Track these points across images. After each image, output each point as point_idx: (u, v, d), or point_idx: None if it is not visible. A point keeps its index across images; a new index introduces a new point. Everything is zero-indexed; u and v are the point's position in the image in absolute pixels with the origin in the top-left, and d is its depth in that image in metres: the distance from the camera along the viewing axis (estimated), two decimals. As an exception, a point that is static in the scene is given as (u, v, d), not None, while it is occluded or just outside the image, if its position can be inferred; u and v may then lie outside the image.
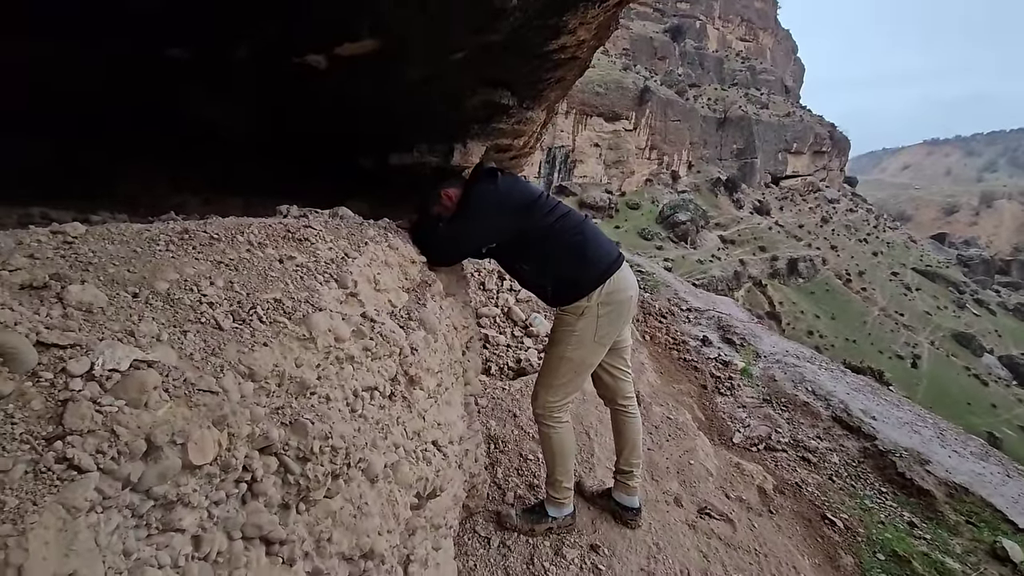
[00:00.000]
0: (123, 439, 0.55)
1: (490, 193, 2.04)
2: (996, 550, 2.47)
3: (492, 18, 5.28)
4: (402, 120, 8.21)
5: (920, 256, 54.20)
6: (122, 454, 0.55)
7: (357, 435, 0.97)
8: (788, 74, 71.47)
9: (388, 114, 7.63)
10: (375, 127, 8.12)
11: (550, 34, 6.69)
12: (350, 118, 7.79)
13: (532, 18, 5.77)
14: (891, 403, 4.02)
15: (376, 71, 6.24)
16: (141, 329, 0.73)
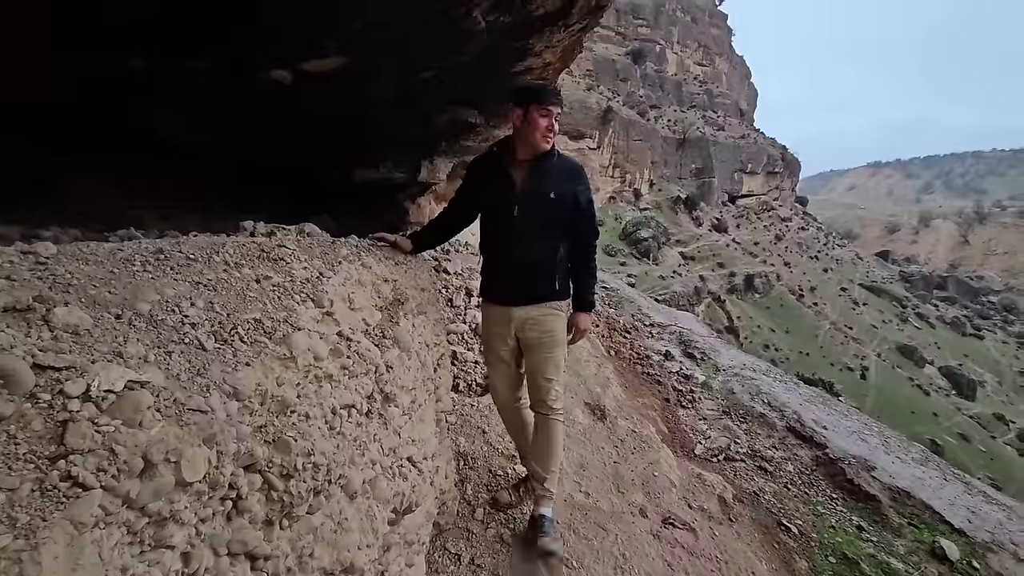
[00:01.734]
0: (122, 457, 0.57)
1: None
2: (935, 550, 2.65)
3: (461, 40, 5.39)
4: (369, 136, 8.18)
5: (866, 272, 57.02)
6: (121, 472, 0.57)
7: (337, 452, 1.00)
8: (743, 98, 74.75)
9: (355, 130, 7.61)
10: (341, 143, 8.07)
11: (517, 56, 6.82)
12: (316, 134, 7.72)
13: (500, 41, 5.90)
14: (840, 413, 4.24)
15: (343, 88, 6.25)
16: (128, 350, 0.75)
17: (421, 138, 8.52)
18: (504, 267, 2.11)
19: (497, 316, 2.17)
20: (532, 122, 1.99)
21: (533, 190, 2.04)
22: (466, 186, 2.20)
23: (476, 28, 5.05)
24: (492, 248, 2.16)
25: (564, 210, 2.07)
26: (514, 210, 2.03)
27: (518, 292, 2.11)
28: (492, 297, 2.19)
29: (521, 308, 2.11)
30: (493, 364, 2.28)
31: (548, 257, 2.09)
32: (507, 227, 2.07)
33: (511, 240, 2.08)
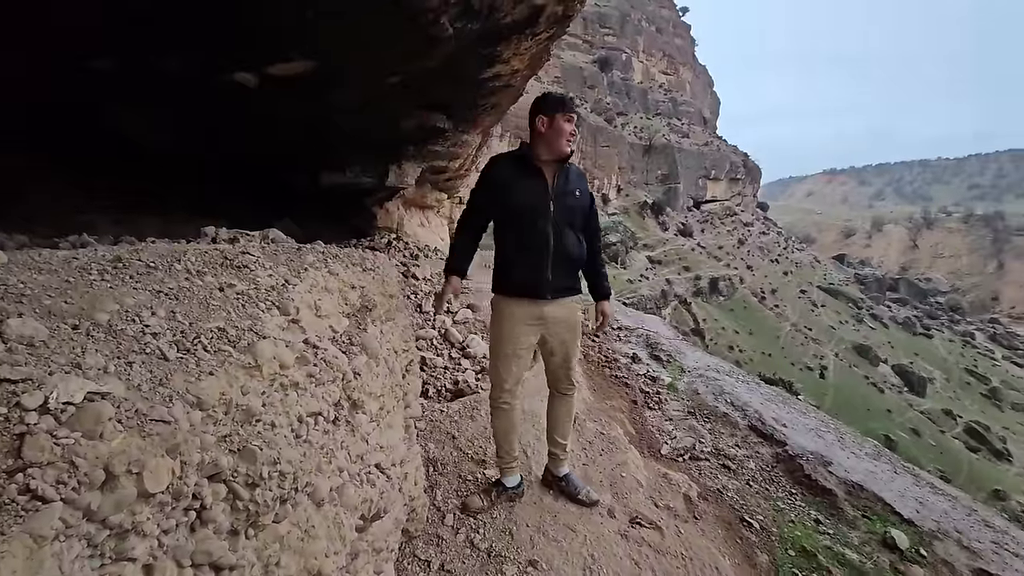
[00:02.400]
0: (82, 469, 0.57)
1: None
2: (886, 539, 2.78)
3: (428, 45, 5.40)
4: (336, 140, 8.08)
5: (824, 275, 59.24)
6: (82, 484, 0.56)
7: (303, 460, 1.00)
8: (706, 106, 76.85)
9: (321, 134, 7.50)
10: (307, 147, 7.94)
11: (485, 63, 6.86)
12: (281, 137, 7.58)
13: (467, 47, 5.93)
14: (799, 411, 4.40)
15: (309, 92, 6.17)
16: (87, 361, 0.74)
17: (389, 142, 8.46)
18: (541, 262, 2.22)
19: (525, 311, 2.28)
20: (558, 128, 2.21)
21: (563, 189, 2.25)
22: (493, 187, 2.26)
23: (444, 35, 5.08)
24: (525, 245, 2.23)
25: (584, 208, 2.34)
26: (550, 208, 2.21)
27: (558, 285, 2.27)
28: (523, 292, 2.27)
29: (556, 301, 2.28)
30: (510, 359, 2.34)
31: (580, 252, 2.32)
32: (544, 224, 2.21)
33: (549, 236, 2.21)
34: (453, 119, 8.27)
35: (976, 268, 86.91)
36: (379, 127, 7.60)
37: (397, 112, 7.25)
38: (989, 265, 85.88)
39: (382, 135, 7.91)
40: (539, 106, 2.26)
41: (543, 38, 6.75)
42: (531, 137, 2.30)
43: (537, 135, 2.26)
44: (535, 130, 2.27)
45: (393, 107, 7.02)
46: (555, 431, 2.57)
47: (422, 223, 11.91)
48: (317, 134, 7.40)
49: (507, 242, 2.27)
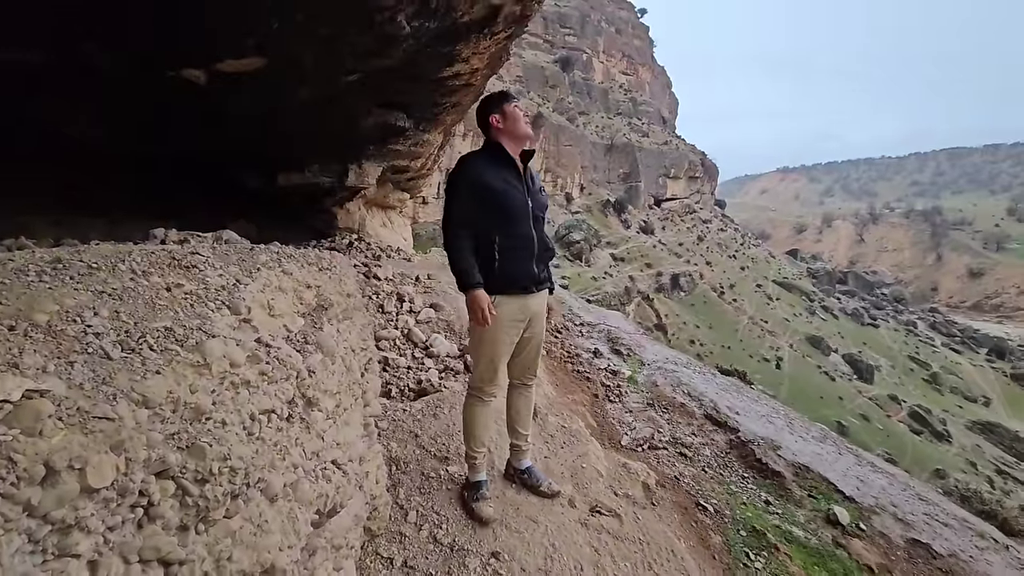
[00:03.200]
0: (21, 465, 0.57)
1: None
2: (829, 516, 2.95)
3: (386, 44, 5.36)
4: (292, 139, 7.91)
5: (778, 269, 61.47)
6: (21, 479, 0.57)
7: (256, 456, 1.00)
8: (664, 106, 78.55)
9: (276, 133, 7.34)
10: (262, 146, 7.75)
11: (444, 62, 6.85)
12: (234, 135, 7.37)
13: (426, 46, 5.91)
14: (751, 399, 4.59)
15: (263, 89, 6.03)
16: (25, 361, 0.73)
17: (348, 141, 8.34)
18: (528, 256, 2.28)
19: (516, 307, 2.31)
20: (513, 115, 2.27)
21: (532, 185, 2.33)
22: (476, 189, 2.23)
23: (401, 33, 5.05)
24: (514, 241, 2.25)
25: (546, 203, 2.45)
26: (528, 201, 2.28)
27: (541, 278, 2.35)
28: (512, 288, 2.29)
29: (537, 294, 2.36)
30: (500, 360, 2.37)
31: (552, 244, 2.43)
32: (527, 219, 2.28)
33: (529, 229, 2.27)
34: (413, 118, 8.21)
35: (917, 261, 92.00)
36: (337, 126, 7.48)
37: (356, 111, 7.16)
38: (929, 258, 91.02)
39: (341, 134, 7.79)
40: (487, 108, 2.31)
41: (502, 37, 6.79)
42: (491, 139, 2.33)
43: (497, 133, 2.30)
44: (494, 130, 2.30)
45: (351, 106, 6.93)
46: (517, 423, 2.62)
47: (384, 223, 11.77)
48: (273, 133, 7.23)
49: (494, 240, 2.24)
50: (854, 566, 2.64)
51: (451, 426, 3.14)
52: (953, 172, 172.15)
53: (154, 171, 7.58)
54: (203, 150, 7.40)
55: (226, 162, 7.98)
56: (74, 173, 6.68)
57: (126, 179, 7.24)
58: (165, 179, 7.73)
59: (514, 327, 2.32)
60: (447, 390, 3.74)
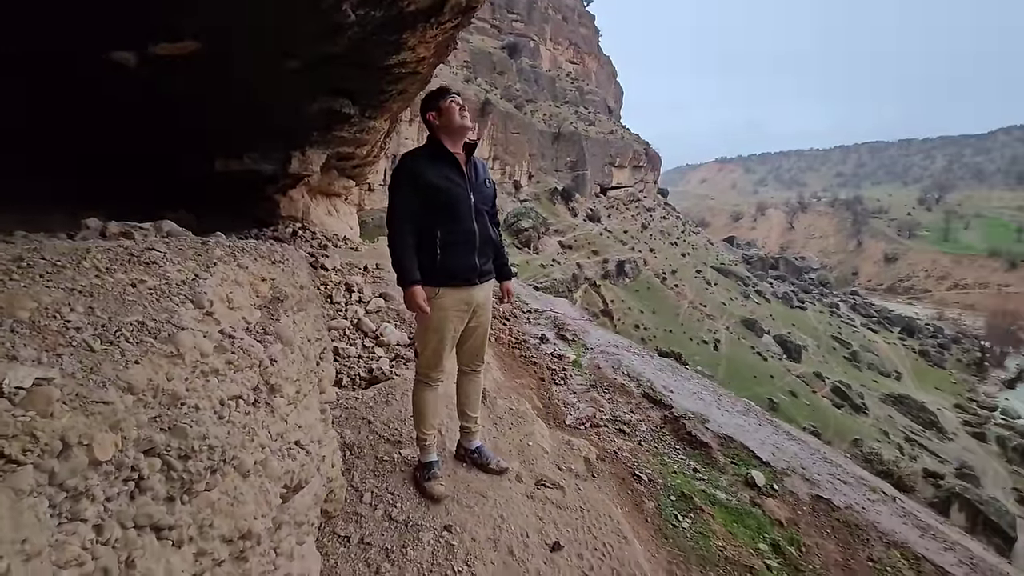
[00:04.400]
0: (42, 440, 0.67)
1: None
2: (748, 479, 3.30)
3: (331, 32, 5.31)
4: (231, 125, 7.66)
5: (716, 256, 64.40)
6: (44, 452, 0.67)
7: (228, 437, 1.11)
8: (610, 96, 79.91)
9: (214, 118, 7.09)
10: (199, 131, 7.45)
11: (391, 49, 6.82)
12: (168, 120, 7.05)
13: (371, 34, 5.88)
14: (684, 378, 4.96)
15: (199, 74, 5.83)
16: (21, 354, 0.82)
17: (291, 128, 8.13)
18: (470, 249, 2.39)
19: (457, 298, 2.42)
20: (447, 111, 2.34)
21: (475, 177, 2.43)
22: (416, 185, 2.33)
23: (346, 21, 5.01)
24: (455, 235, 2.36)
25: (492, 196, 2.55)
26: (470, 195, 2.37)
27: (484, 270, 2.47)
28: (454, 281, 2.40)
29: (481, 286, 2.47)
30: (443, 348, 2.50)
31: (496, 236, 2.56)
32: (469, 213, 2.37)
33: (473, 223, 2.38)
34: (359, 105, 8.08)
35: (840, 247, 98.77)
36: (279, 112, 7.28)
37: (299, 97, 7.00)
38: (850, 244, 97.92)
39: (283, 120, 7.58)
40: (425, 105, 2.41)
41: (449, 27, 6.81)
42: (432, 135, 2.44)
43: (436, 129, 2.40)
44: (432, 126, 2.41)
45: (294, 92, 6.77)
46: (466, 406, 2.78)
47: (329, 211, 11.51)
48: (210, 118, 6.96)
49: (436, 235, 2.34)
50: (767, 521, 2.99)
51: (403, 412, 3.26)
52: (873, 164, 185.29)
53: (87, 161, 7.14)
54: (134, 136, 7.03)
55: (159, 147, 7.61)
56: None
57: (47, 164, 6.79)
58: (91, 166, 7.29)
59: (458, 317, 2.46)
60: (398, 377, 3.85)
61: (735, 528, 2.92)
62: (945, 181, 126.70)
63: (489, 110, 42.51)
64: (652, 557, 2.65)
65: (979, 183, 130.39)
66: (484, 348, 2.72)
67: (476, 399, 2.79)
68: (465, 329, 2.56)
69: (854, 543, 2.96)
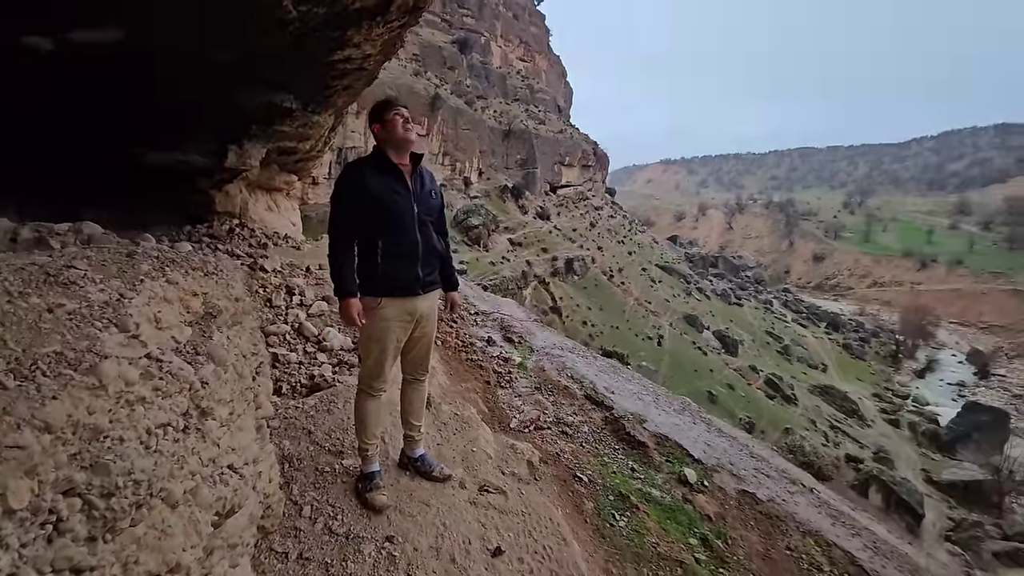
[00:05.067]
0: (-49, 496, 0.65)
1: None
2: (681, 477, 3.48)
3: (272, 25, 5.13)
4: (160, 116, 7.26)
5: (661, 254, 66.58)
6: (-48, 508, 0.65)
7: (156, 468, 1.09)
8: (560, 95, 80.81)
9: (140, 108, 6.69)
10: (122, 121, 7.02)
11: (334, 45, 6.66)
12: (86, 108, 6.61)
13: (314, 30, 5.73)
14: (626, 379, 5.15)
15: (123, 63, 5.49)
16: (-76, 400, 0.78)
17: (227, 121, 7.77)
18: (412, 260, 2.40)
19: (399, 308, 2.42)
20: (390, 124, 2.35)
21: (420, 188, 2.44)
22: (359, 196, 2.33)
23: (287, 16, 4.85)
24: (397, 246, 2.36)
25: (439, 207, 2.59)
26: (414, 207, 2.38)
27: (427, 280, 2.48)
28: (395, 291, 2.41)
29: (425, 296, 2.50)
30: (386, 358, 2.49)
31: (441, 247, 2.58)
32: (412, 224, 2.38)
33: (416, 234, 2.39)
34: (302, 99, 7.82)
35: (774, 246, 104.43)
36: (214, 104, 6.94)
37: (235, 90, 6.70)
38: (783, 244, 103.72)
39: (218, 113, 7.23)
40: (370, 118, 2.42)
41: (395, 26, 6.70)
42: (378, 147, 2.44)
43: (380, 142, 2.42)
44: (377, 139, 2.43)
45: (230, 84, 6.48)
46: (410, 415, 2.79)
47: (270, 207, 11.05)
48: (136, 107, 6.55)
49: (378, 245, 2.35)
50: (697, 516, 3.18)
51: (345, 420, 3.22)
52: (803, 168, 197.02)
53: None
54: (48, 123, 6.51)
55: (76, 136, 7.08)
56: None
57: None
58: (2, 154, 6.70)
59: (401, 328, 2.47)
60: (341, 384, 3.79)
61: (668, 524, 3.09)
62: (867, 186, 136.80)
63: (439, 105, 42.06)
64: (590, 557, 2.76)
65: (896, 188, 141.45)
66: (429, 357, 2.75)
67: (420, 407, 2.81)
68: (409, 339, 2.58)
69: (774, 534, 3.20)
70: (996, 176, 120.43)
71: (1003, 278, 72.05)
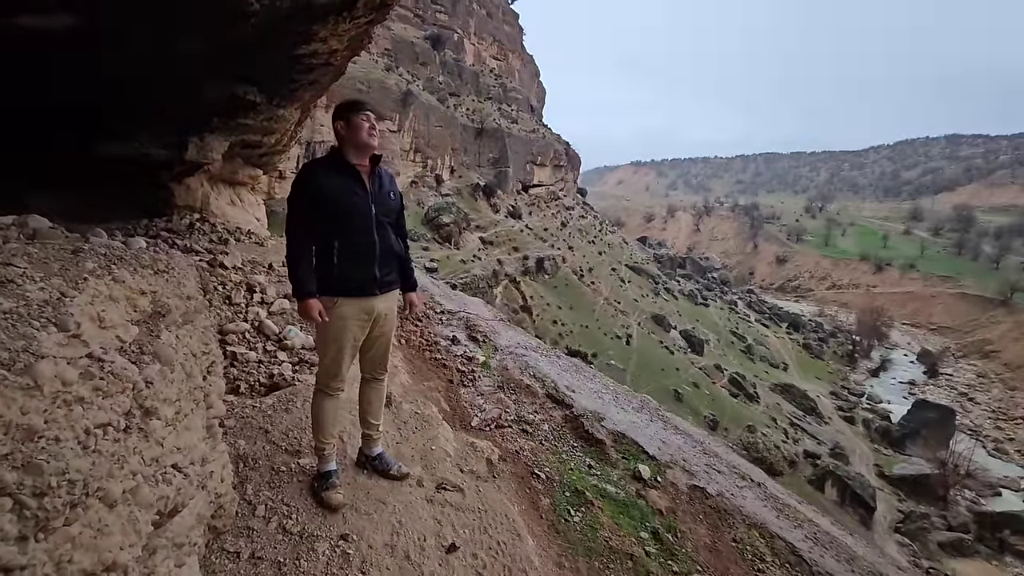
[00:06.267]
0: None
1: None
2: (636, 473, 3.59)
3: (231, 18, 5.04)
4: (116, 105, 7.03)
5: (630, 255, 67.59)
6: None
7: (93, 468, 1.09)
8: (533, 95, 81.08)
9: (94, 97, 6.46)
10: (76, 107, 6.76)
11: (299, 40, 6.58)
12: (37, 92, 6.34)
13: (278, 24, 5.65)
14: (588, 377, 5.25)
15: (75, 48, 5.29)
16: None
17: (187, 113, 7.57)
18: (369, 260, 2.41)
19: (356, 308, 2.43)
20: (356, 126, 2.35)
21: (379, 191, 2.46)
22: (316, 196, 2.33)
23: (249, 9, 4.76)
24: (354, 247, 2.38)
25: (398, 208, 2.61)
26: (371, 208, 2.40)
27: (385, 280, 2.49)
28: (352, 291, 2.42)
29: (383, 296, 2.51)
30: (343, 357, 2.50)
31: (399, 247, 2.60)
32: (369, 225, 2.40)
33: (374, 235, 2.41)
34: (266, 93, 7.67)
35: (739, 248, 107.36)
36: (173, 95, 6.75)
37: (195, 81, 6.53)
38: (748, 246, 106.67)
39: (177, 104, 7.03)
40: (336, 114, 2.43)
41: (362, 22, 6.64)
42: (338, 145, 2.44)
43: (341, 140, 2.43)
44: (338, 136, 2.43)
45: (189, 75, 6.31)
46: (368, 414, 2.81)
47: (232, 201, 10.79)
48: (90, 96, 6.31)
49: (334, 245, 2.37)
50: (649, 511, 3.29)
51: (303, 420, 3.21)
52: (768, 173, 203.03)
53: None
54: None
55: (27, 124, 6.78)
56: None
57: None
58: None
59: (358, 327, 2.49)
60: (301, 384, 3.76)
61: (621, 519, 3.19)
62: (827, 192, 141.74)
63: (411, 102, 41.68)
64: (543, 551, 2.83)
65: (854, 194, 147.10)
66: (388, 357, 2.78)
67: (379, 407, 2.83)
68: (367, 338, 2.59)
69: (722, 526, 3.34)
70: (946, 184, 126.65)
71: (951, 282, 75.89)
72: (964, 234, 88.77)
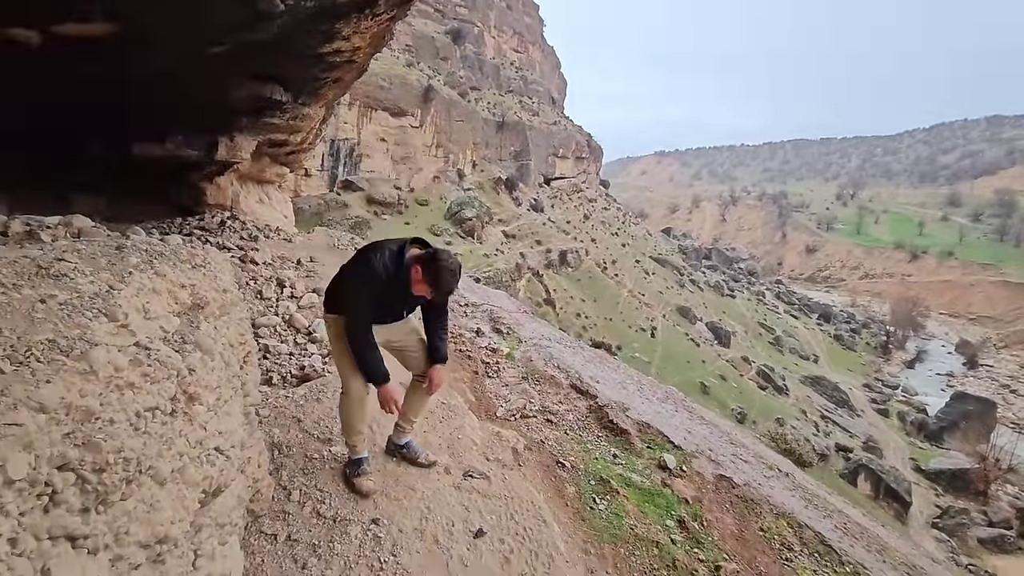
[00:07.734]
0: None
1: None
2: (661, 462, 3.59)
3: (257, 19, 5.16)
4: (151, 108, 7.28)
5: (654, 246, 66.87)
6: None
7: (144, 448, 1.17)
8: (554, 87, 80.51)
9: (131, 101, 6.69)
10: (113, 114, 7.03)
11: (323, 38, 6.69)
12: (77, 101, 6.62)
13: (303, 23, 5.76)
14: (611, 368, 5.25)
15: (113, 55, 5.51)
16: (-70, 381, 0.85)
17: (218, 113, 7.78)
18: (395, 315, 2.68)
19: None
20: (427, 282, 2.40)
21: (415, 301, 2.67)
22: (375, 293, 2.50)
23: (275, 10, 4.87)
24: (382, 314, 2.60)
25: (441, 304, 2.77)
26: (404, 312, 2.74)
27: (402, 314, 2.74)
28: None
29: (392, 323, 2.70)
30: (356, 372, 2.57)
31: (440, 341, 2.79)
32: (401, 308, 2.70)
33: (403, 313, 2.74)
34: (292, 91, 7.83)
35: (767, 238, 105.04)
36: (203, 97, 6.96)
37: (225, 82, 6.71)
38: (776, 236, 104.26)
39: (208, 105, 7.24)
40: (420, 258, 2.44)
41: (384, 19, 6.72)
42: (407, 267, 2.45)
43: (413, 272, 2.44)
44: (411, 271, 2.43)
45: (219, 77, 6.49)
46: (409, 411, 2.87)
47: (261, 199, 11.07)
48: (126, 100, 6.55)
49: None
50: (675, 500, 3.30)
51: (334, 409, 3.29)
52: (796, 161, 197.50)
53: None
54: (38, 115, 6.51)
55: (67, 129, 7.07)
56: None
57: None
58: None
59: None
60: (331, 375, 3.86)
61: (646, 507, 3.20)
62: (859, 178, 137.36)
63: (432, 96, 41.86)
64: (569, 538, 2.87)
65: (888, 181, 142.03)
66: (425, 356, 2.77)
67: (419, 409, 2.92)
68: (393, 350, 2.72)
69: (748, 516, 3.32)
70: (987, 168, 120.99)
71: (992, 269, 72.83)
72: (1006, 219, 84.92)
